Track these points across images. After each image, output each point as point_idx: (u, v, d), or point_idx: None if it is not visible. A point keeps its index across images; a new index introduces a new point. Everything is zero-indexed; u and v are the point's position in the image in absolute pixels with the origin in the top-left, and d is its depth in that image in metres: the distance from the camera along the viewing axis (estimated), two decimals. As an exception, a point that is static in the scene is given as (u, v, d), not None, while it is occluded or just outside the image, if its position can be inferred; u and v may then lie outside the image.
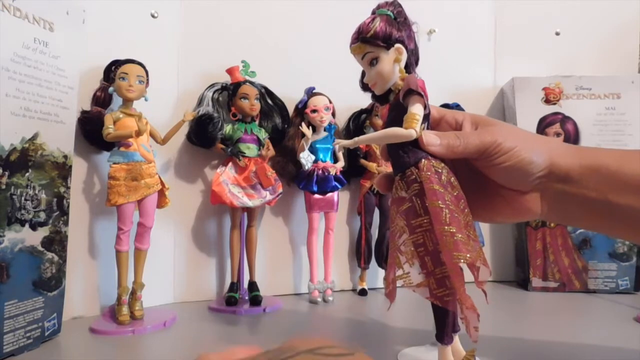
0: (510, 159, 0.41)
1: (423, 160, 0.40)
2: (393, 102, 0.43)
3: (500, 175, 0.43)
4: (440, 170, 0.40)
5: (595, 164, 0.41)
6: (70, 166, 0.65)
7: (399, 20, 0.42)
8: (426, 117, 0.41)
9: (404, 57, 0.42)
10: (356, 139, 0.43)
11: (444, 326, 0.42)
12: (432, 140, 0.41)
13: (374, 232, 0.93)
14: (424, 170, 0.40)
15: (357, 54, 0.44)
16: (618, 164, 0.40)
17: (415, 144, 0.41)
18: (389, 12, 0.42)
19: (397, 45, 0.41)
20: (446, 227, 0.37)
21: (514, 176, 0.42)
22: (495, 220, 0.48)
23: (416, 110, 0.40)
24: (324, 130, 0.88)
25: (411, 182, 0.40)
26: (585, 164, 0.41)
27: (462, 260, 0.36)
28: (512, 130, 0.44)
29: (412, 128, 0.39)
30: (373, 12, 0.44)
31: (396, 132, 0.40)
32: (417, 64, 0.45)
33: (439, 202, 0.37)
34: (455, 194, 0.40)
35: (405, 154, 0.41)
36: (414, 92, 0.40)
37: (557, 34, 1.09)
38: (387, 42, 0.41)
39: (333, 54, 0.86)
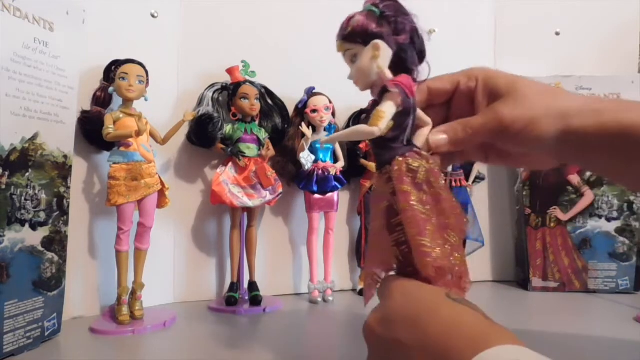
0: (520, 144, 0.40)
1: (398, 157, 0.39)
2: (372, 101, 0.43)
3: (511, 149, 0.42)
4: (415, 169, 0.39)
5: (618, 122, 0.37)
6: (70, 166, 0.65)
7: (386, 14, 0.40)
8: (404, 113, 0.40)
9: (383, 53, 0.40)
10: (331, 135, 0.43)
11: None
12: (440, 141, 0.41)
13: (374, 232, 0.93)
14: (395, 168, 0.39)
15: (339, 51, 0.43)
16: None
17: (394, 141, 0.40)
18: (373, 8, 0.41)
19: (374, 41, 0.39)
20: (409, 230, 0.36)
21: (525, 150, 0.42)
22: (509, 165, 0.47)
23: (384, 107, 0.39)
24: (324, 130, 0.88)
25: (386, 181, 0.40)
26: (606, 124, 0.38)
27: (425, 264, 0.36)
28: (522, 102, 0.40)
29: (376, 125, 0.38)
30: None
31: (359, 129, 0.39)
32: (422, 59, 0.43)
33: (405, 203, 0.37)
34: (432, 193, 0.39)
35: (382, 151, 0.40)
36: (387, 90, 0.39)
37: (557, 34, 1.09)
38: (364, 38, 0.40)
39: (333, 54, 0.85)
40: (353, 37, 0.41)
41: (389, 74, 0.40)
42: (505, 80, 0.42)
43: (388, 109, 0.38)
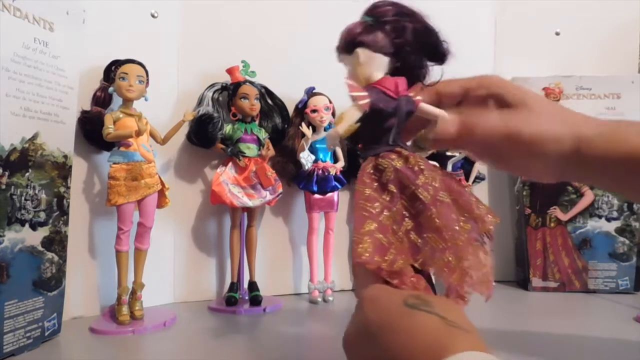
0: (524, 157, 0.41)
1: (370, 157, 0.41)
2: None
3: None
4: (383, 168, 0.40)
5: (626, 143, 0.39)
6: (70, 166, 0.65)
7: (383, 19, 0.41)
8: (383, 114, 0.40)
9: (365, 60, 0.41)
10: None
11: None
12: (445, 133, 0.41)
13: (374, 232, 0.93)
14: (362, 167, 0.41)
15: (340, 62, 0.45)
16: None
17: (376, 141, 0.41)
18: (365, 17, 0.42)
19: (355, 50, 0.41)
20: (354, 225, 0.38)
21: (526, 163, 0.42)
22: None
23: (347, 111, 0.40)
24: (324, 130, 0.88)
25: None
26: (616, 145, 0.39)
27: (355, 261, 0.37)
28: (534, 117, 0.40)
29: (336, 128, 0.40)
30: None
31: (330, 131, 0.42)
32: (440, 56, 0.44)
33: (356, 200, 0.39)
34: (408, 193, 0.39)
35: (364, 151, 0.42)
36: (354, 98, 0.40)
37: (557, 34, 1.09)
38: (349, 47, 0.42)
39: (333, 54, 0.86)
40: (341, 47, 0.43)
41: (376, 78, 0.41)
42: (514, 96, 0.41)
43: (349, 112, 0.40)
